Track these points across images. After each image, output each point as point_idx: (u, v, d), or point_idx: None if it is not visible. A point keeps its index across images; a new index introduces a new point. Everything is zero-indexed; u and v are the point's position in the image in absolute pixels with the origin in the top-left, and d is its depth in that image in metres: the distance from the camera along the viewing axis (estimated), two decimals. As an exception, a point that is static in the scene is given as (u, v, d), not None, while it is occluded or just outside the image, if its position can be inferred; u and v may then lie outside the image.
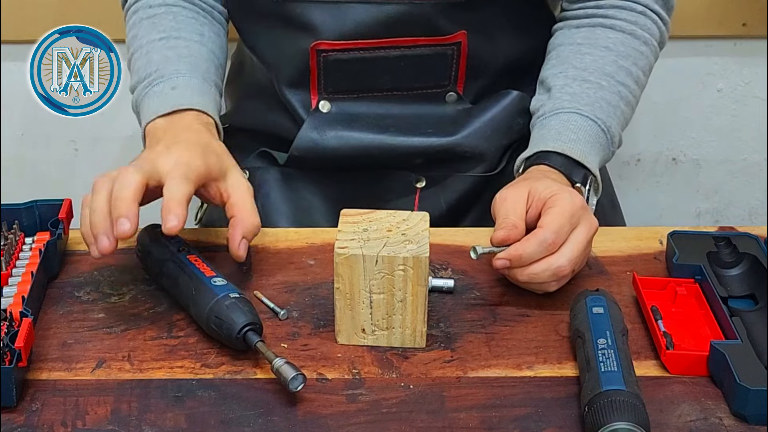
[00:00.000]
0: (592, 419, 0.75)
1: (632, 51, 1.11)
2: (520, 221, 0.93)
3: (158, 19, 1.13)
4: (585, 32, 1.12)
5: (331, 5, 1.10)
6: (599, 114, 1.07)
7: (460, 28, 1.11)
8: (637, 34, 1.12)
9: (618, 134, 1.09)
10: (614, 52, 1.10)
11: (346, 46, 1.11)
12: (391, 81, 1.14)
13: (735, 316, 0.87)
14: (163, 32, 1.11)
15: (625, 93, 1.10)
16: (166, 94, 1.05)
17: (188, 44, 1.11)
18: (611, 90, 1.09)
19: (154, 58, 1.09)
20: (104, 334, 0.90)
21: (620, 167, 1.80)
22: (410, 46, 1.11)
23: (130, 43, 1.14)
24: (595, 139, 1.06)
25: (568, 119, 1.06)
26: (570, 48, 1.12)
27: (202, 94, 1.06)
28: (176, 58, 1.09)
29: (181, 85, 1.06)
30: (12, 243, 0.97)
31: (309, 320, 0.92)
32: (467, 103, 1.17)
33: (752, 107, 1.76)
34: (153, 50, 1.10)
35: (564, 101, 1.08)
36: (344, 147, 1.15)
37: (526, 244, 0.90)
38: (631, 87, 1.11)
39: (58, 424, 0.79)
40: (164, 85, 1.06)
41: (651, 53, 1.14)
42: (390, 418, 0.80)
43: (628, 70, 1.10)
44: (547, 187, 0.94)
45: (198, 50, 1.11)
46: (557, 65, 1.12)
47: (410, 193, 1.19)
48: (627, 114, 1.11)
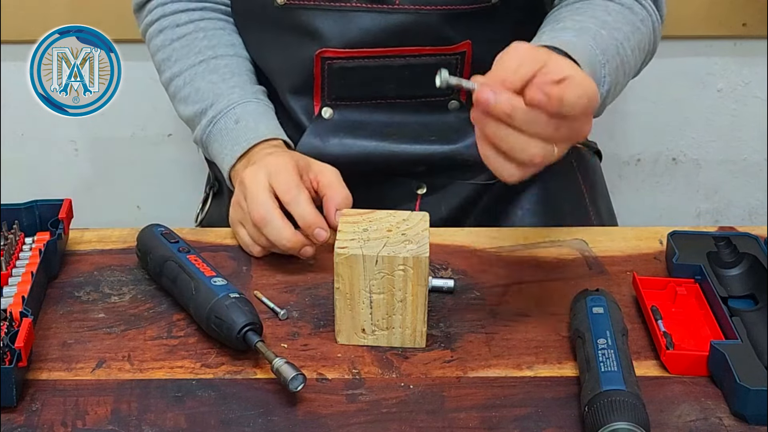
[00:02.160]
0: (592, 419, 0.75)
1: (630, 21, 1.08)
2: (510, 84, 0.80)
3: (190, 40, 1.17)
4: (582, 3, 1.09)
5: (337, 13, 1.10)
6: (599, 49, 1.00)
7: (465, 38, 1.11)
8: (635, 10, 1.09)
9: (609, 84, 1.02)
10: (612, 17, 1.07)
11: (352, 54, 1.11)
12: (395, 89, 1.14)
13: (735, 316, 0.87)
14: (199, 54, 1.16)
15: (622, 52, 1.05)
16: (231, 131, 1.10)
17: (227, 62, 1.15)
18: (610, 42, 1.03)
19: (201, 86, 1.14)
20: (104, 334, 0.90)
21: (620, 167, 1.80)
22: (415, 55, 1.11)
23: (164, 65, 1.18)
24: (593, 67, 0.98)
25: (570, 41, 0.97)
26: (568, 9, 1.08)
27: (261, 118, 1.11)
28: (222, 82, 1.13)
29: (241, 116, 1.10)
30: (12, 243, 0.97)
31: (309, 320, 0.92)
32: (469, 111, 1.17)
33: (752, 107, 1.76)
34: (197, 77, 1.15)
35: (563, 32, 1.02)
36: (346, 154, 1.15)
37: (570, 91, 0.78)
38: (627, 50, 1.05)
39: (58, 424, 0.79)
40: (227, 120, 1.10)
41: (646, 34, 1.10)
42: (390, 418, 0.80)
43: (626, 34, 1.06)
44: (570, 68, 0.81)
45: (237, 65, 1.16)
46: (552, 21, 1.07)
47: (411, 199, 1.19)
48: (620, 75, 1.05)
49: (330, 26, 1.10)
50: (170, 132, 1.75)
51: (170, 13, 1.18)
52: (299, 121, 1.16)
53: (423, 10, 1.08)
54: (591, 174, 1.26)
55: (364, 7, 1.09)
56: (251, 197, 0.99)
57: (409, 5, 1.08)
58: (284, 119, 1.18)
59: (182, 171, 1.76)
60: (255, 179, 0.99)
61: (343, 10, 1.09)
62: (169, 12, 1.18)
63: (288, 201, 0.98)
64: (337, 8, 1.09)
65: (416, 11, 1.08)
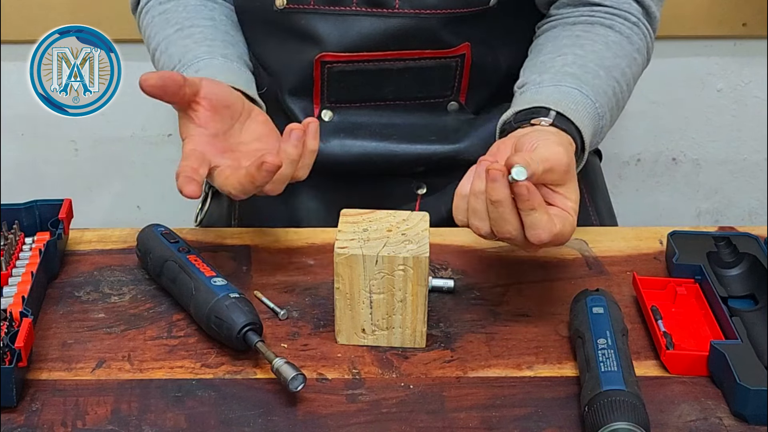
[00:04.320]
0: (592, 419, 0.75)
1: (628, 53, 1.09)
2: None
3: (170, 14, 1.15)
4: (584, 27, 1.11)
5: (336, 17, 1.10)
6: (598, 99, 1.02)
7: (464, 41, 1.11)
8: (632, 41, 1.10)
9: (606, 129, 1.05)
10: (612, 49, 1.09)
11: (351, 58, 1.11)
12: (394, 92, 1.14)
13: (735, 316, 0.87)
14: (176, 24, 1.14)
15: (618, 91, 1.07)
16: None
17: (202, 29, 1.13)
18: (607, 83, 1.06)
19: (173, 51, 1.12)
20: (104, 334, 0.90)
21: (620, 167, 1.80)
22: (415, 58, 1.11)
23: (149, 43, 1.17)
24: (594, 122, 1.01)
25: (568, 92, 1.01)
26: (569, 38, 1.10)
27: (225, 72, 1.07)
28: (194, 45, 1.11)
29: (203, 68, 1.08)
30: (12, 243, 0.97)
31: (309, 320, 0.92)
32: (469, 112, 1.17)
33: (752, 107, 1.76)
34: (171, 44, 1.13)
35: (563, 76, 1.04)
36: (346, 154, 1.15)
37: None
38: (623, 87, 1.08)
39: (58, 424, 0.79)
40: (188, 71, 1.08)
41: (641, 64, 1.12)
42: (390, 418, 0.80)
43: (622, 70, 1.08)
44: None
45: (212, 34, 1.14)
46: (554, 50, 1.09)
47: (411, 200, 1.19)
48: (614, 113, 1.08)
49: (329, 30, 1.10)
50: (170, 132, 1.75)
51: None
52: (299, 123, 1.16)
53: (422, 14, 1.08)
54: (591, 174, 1.26)
55: (363, 11, 1.09)
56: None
57: (408, 9, 1.08)
58: (284, 120, 1.18)
59: (182, 171, 1.76)
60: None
61: (343, 14, 1.09)
62: None
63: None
64: (337, 12, 1.09)
65: (415, 15, 1.08)
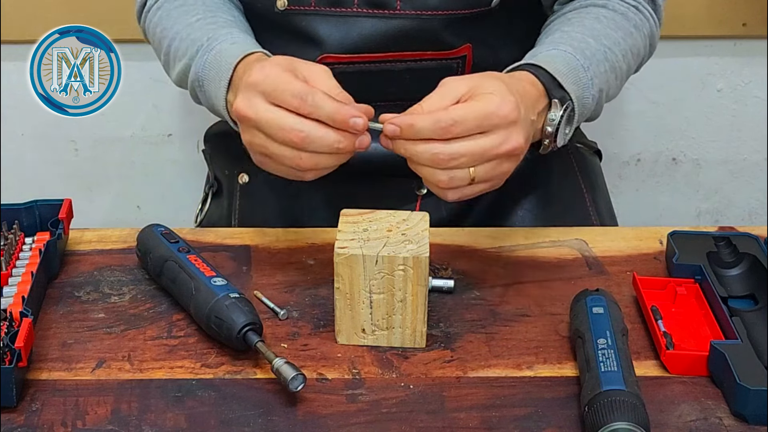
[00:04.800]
0: (592, 419, 0.75)
1: (623, 27, 1.09)
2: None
3: (189, 7, 1.12)
4: (576, 12, 1.10)
5: (337, 18, 1.09)
6: (580, 55, 1.03)
7: (466, 42, 1.11)
8: (628, 17, 1.09)
9: (598, 87, 1.04)
10: (604, 23, 1.08)
11: (352, 59, 1.10)
12: (396, 92, 1.14)
13: (735, 316, 0.87)
14: (198, 14, 1.10)
15: (611, 56, 1.06)
16: (227, 50, 1.02)
17: (226, 19, 1.10)
18: (597, 48, 1.05)
19: (198, 35, 1.07)
20: (104, 334, 0.90)
21: (620, 167, 1.80)
22: (416, 59, 1.11)
23: (162, 35, 1.12)
24: (575, 72, 1.01)
25: (549, 54, 1.02)
26: (559, 20, 1.10)
27: (237, 42, 1.03)
28: (222, 26, 1.07)
29: (240, 41, 1.04)
30: (12, 243, 0.97)
31: (309, 320, 0.92)
32: None
33: (752, 107, 1.76)
34: (194, 30, 1.08)
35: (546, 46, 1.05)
36: None
37: (420, 117, 0.87)
38: (617, 55, 1.07)
39: (58, 424, 0.79)
40: (222, 44, 1.03)
41: (641, 39, 1.11)
42: (390, 418, 0.80)
43: (615, 40, 1.07)
44: (491, 87, 0.88)
45: (238, 25, 1.10)
46: (543, 36, 1.10)
47: (411, 200, 1.19)
48: (611, 78, 1.07)
49: (331, 32, 1.10)
50: (170, 132, 1.75)
51: None
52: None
53: (423, 15, 1.08)
54: (591, 174, 1.26)
55: (364, 13, 1.09)
56: (265, 126, 0.88)
57: (410, 10, 1.08)
58: None
59: (182, 171, 1.76)
60: (252, 107, 0.89)
61: (344, 15, 1.09)
62: None
63: (305, 108, 0.87)
64: (338, 14, 1.09)
65: (417, 16, 1.08)
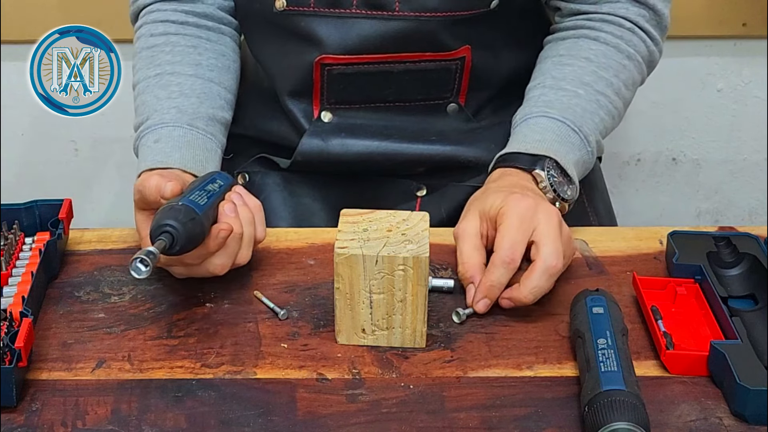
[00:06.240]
0: (592, 419, 0.75)
1: (614, 63, 1.10)
2: (477, 268, 0.93)
3: (156, 51, 1.13)
4: (569, 44, 1.13)
5: (336, 19, 1.09)
6: (568, 116, 1.06)
7: (465, 43, 1.11)
8: (620, 48, 1.11)
9: (594, 137, 1.07)
10: (595, 63, 1.10)
11: (351, 60, 1.11)
12: (394, 94, 1.14)
13: (735, 316, 0.87)
14: (158, 67, 1.11)
15: (605, 102, 1.09)
16: (149, 148, 1.05)
17: (181, 81, 1.10)
18: (588, 98, 1.08)
19: (147, 99, 1.09)
20: (104, 334, 0.90)
21: (620, 167, 1.80)
22: (415, 60, 1.11)
23: (133, 72, 1.14)
24: (565, 138, 1.05)
25: (535, 122, 1.06)
26: (552, 60, 1.12)
27: (181, 148, 1.04)
28: (166, 100, 1.08)
29: (163, 137, 1.05)
30: (12, 243, 0.97)
31: (309, 320, 0.92)
32: (469, 114, 1.17)
33: (752, 107, 1.76)
34: (147, 89, 1.10)
35: (534, 108, 1.08)
36: (348, 153, 1.15)
37: (489, 274, 0.91)
38: (611, 97, 1.10)
39: (58, 424, 0.79)
40: (149, 137, 1.06)
41: (635, 68, 1.13)
42: (390, 418, 0.80)
43: (608, 81, 1.10)
44: (494, 203, 0.94)
45: (191, 85, 1.10)
46: (537, 77, 1.12)
47: (411, 201, 1.19)
48: (607, 122, 1.10)
49: (329, 32, 1.10)
50: (170, 132, 1.75)
51: (151, 22, 1.15)
52: (299, 124, 1.16)
53: (422, 16, 1.08)
54: (590, 174, 1.26)
55: (363, 14, 1.09)
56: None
57: (409, 12, 1.08)
58: (283, 121, 1.18)
59: (182, 171, 1.76)
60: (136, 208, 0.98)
61: (343, 16, 1.09)
62: (150, 21, 1.15)
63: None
64: (337, 15, 1.09)
65: (416, 18, 1.08)
